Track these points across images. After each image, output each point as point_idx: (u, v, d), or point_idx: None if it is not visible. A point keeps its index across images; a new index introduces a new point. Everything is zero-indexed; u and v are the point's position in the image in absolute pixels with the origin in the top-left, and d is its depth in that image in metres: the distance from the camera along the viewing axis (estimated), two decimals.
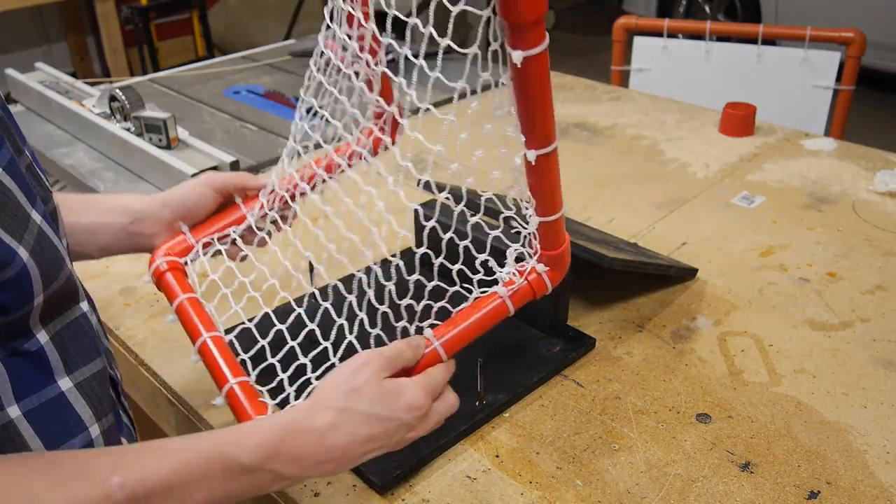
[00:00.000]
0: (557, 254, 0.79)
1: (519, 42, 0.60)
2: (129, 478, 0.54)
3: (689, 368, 0.95)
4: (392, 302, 0.79)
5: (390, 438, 0.67)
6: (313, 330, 0.84)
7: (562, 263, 0.81)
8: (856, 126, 2.38)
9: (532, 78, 0.63)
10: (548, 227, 0.76)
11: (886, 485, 0.78)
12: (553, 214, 0.75)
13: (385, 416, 0.66)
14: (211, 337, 0.76)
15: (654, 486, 0.79)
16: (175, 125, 1.45)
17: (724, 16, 4.77)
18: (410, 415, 0.67)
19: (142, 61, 3.85)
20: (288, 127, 1.73)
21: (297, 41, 2.40)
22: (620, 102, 1.86)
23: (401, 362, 0.70)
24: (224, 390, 0.72)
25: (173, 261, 0.84)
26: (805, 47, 1.95)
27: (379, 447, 0.67)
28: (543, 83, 0.64)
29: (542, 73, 0.63)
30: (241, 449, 0.60)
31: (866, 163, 1.49)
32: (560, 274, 0.82)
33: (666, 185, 1.44)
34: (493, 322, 0.77)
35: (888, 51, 3.99)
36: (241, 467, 0.60)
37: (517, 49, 0.60)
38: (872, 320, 1.04)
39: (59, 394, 0.61)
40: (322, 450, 0.63)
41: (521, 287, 0.78)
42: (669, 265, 1.09)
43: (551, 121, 0.67)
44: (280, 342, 0.84)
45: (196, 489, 0.58)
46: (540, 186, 0.73)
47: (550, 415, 0.89)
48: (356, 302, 0.81)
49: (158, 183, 1.45)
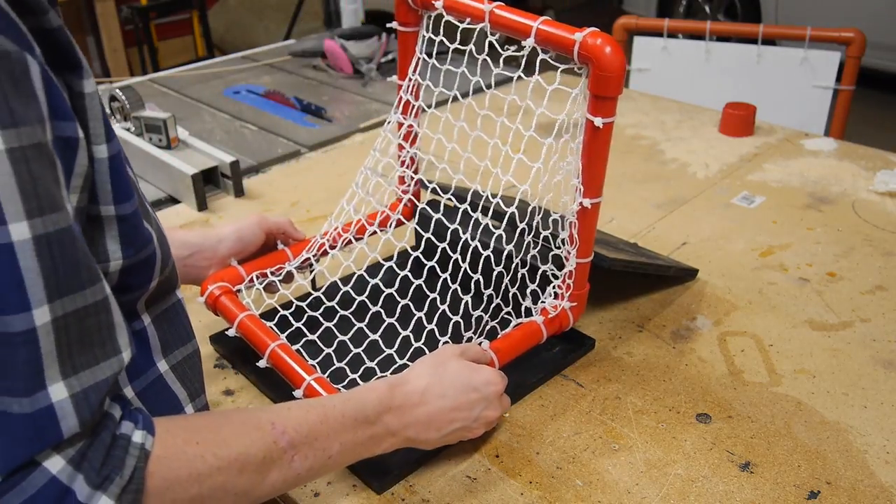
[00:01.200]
0: (582, 293, 0.93)
1: (601, 111, 0.78)
2: (288, 426, 0.63)
3: (689, 368, 0.95)
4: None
5: (472, 411, 0.77)
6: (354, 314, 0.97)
7: (582, 303, 0.94)
8: (856, 126, 2.38)
9: (603, 140, 0.80)
10: (581, 270, 0.90)
11: (886, 485, 0.78)
12: (587, 258, 0.89)
13: (468, 386, 0.77)
14: (278, 345, 0.85)
15: (654, 486, 0.79)
16: (175, 125, 1.45)
17: (724, 16, 4.77)
18: (489, 388, 0.78)
19: (142, 61, 3.85)
20: (288, 127, 1.73)
21: (297, 41, 2.40)
22: (620, 102, 1.85)
23: (471, 354, 0.81)
24: (303, 387, 0.81)
25: (225, 286, 0.94)
26: (805, 47, 1.95)
27: (462, 419, 0.76)
28: (608, 145, 0.81)
29: (610, 136, 0.80)
30: (363, 402, 0.71)
31: (866, 163, 1.49)
32: (580, 311, 0.94)
33: (666, 185, 1.44)
34: (531, 345, 0.90)
35: (888, 51, 3.98)
36: (366, 418, 0.70)
37: (598, 116, 0.78)
38: (872, 320, 1.04)
39: (159, 376, 0.65)
40: (422, 411, 0.74)
41: (553, 319, 0.92)
42: (669, 266, 1.09)
43: (604, 176, 0.83)
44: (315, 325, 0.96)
45: (334, 440, 0.67)
46: (584, 232, 0.86)
47: (550, 415, 0.89)
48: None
49: (158, 183, 1.45)
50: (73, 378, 0.50)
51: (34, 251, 0.47)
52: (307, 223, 1.33)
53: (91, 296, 0.51)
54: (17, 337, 0.47)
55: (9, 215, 0.46)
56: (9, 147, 0.46)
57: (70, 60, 0.54)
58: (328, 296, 0.99)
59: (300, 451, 0.64)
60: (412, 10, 0.93)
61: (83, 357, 0.51)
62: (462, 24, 0.86)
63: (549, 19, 0.79)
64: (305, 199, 1.41)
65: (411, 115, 1.01)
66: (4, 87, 0.46)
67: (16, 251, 0.47)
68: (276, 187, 1.46)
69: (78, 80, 0.55)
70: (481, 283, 0.94)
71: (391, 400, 0.73)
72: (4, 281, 0.47)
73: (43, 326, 0.48)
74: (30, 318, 0.48)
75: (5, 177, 0.46)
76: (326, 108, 1.82)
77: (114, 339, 0.53)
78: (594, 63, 0.75)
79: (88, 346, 0.51)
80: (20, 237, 0.47)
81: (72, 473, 0.49)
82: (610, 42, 0.74)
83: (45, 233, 0.48)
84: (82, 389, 0.50)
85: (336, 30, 2.29)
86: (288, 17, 4.00)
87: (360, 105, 1.87)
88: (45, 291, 0.48)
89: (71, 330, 0.50)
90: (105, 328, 0.53)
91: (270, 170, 1.54)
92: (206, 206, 1.38)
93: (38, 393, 0.48)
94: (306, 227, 1.31)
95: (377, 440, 0.72)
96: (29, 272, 0.47)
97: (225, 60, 2.25)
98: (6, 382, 0.48)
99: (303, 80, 2.04)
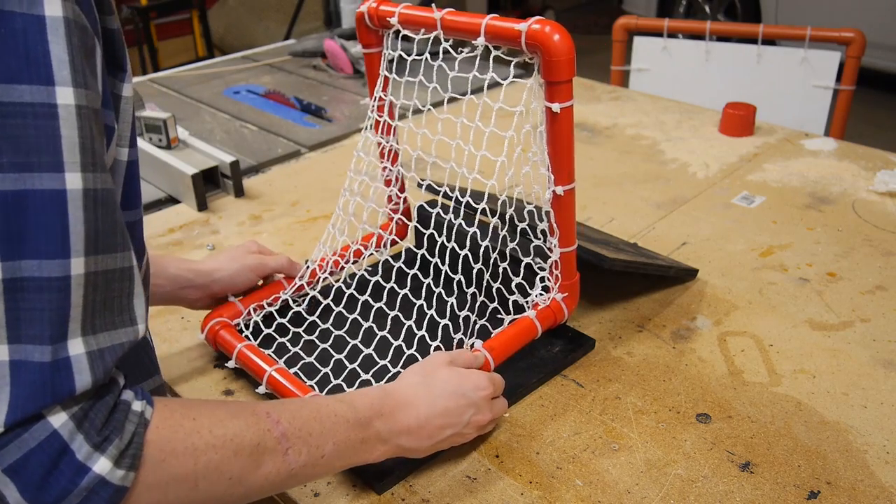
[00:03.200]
0: (572, 283, 0.93)
1: (556, 97, 0.78)
2: (282, 417, 0.64)
3: (689, 368, 0.95)
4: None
5: (462, 416, 0.77)
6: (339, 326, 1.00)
7: (575, 293, 0.94)
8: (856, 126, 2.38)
9: (564, 125, 0.80)
10: (567, 259, 0.90)
11: (886, 485, 0.78)
12: (571, 246, 0.89)
13: (456, 392, 0.77)
14: (275, 370, 0.88)
15: (654, 486, 0.79)
16: (175, 125, 1.45)
17: (724, 16, 4.77)
18: (478, 394, 0.78)
19: (142, 61, 3.85)
20: (288, 127, 1.73)
21: (297, 41, 2.40)
22: (620, 102, 1.86)
23: (461, 361, 0.81)
24: None
25: (224, 321, 0.97)
26: (805, 47, 1.95)
27: (453, 424, 0.77)
28: (570, 130, 0.81)
29: (570, 121, 0.80)
30: (355, 404, 0.71)
31: (866, 163, 1.49)
32: (574, 302, 0.94)
33: (666, 185, 1.44)
34: (526, 341, 0.91)
35: (888, 51, 3.98)
36: (357, 420, 0.70)
37: (555, 102, 0.78)
38: (872, 320, 1.04)
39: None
40: (412, 419, 0.74)
41: (547, 312, 0.92)
42: (670, 266, 1.09)
43: (573, 162, 0.83)
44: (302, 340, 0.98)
45: (327, 438, 0.67)
46: (562, 220, 0.86)
47: (550, 415, 0.89)
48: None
49: (159, 183, 1.45)
50: (91, 337, 0.51)
51: (82, 203, 0.50)
52: (307, 223, 1.33)
53: (121, 260, 0.54)
54: (53, 283, 0.49)
55: (67, 165, 0.49)
56: (78, 104, 0.50)
57: (118, 62, 0.59)
58: (322, 318, 1.00)
59: (293, 444, 0.64)
60: (372, 30, 0.96)
61: (104, 319, 0.53)
62: (418, 35, 0.89)
63: (496, 16, 0.81)
64: (305, 199, 1.41)
65: (386, 132, 1.03)
66: (81, 54, 0.51)
67: (67, 199, 0.49)
68: (276, 187, 1.46)
69: (119, 83, 0.59)
70: (463, 283, 0.95)
71: (382, 406, 0.73)
72: (51, 226, 0.49)
73: (76, 277, 0.50)
74: (66, 266, 0.49)
75: (71, 129, 0.50)
76: (326, 108, 1.82)
77: (132, 308, 0.55)
78: (543, 49, 0.76)
79: (110, 309, 0.53)
80: (73, 186, 0.50)
81: (73, 430, 0.50)
82: (556, 28, 0.76)
83: (94, 188, 0.51)
84: (99, 349, 0.52)
85: (336, 30, 2.29)
86: (288, 17, 4.01)
87: (360, 105, 1.87)
88: (84, 243, 0.50)
89: (98, 289, 0.52)
90: (126, 296, 0.55)
91: (270, 170, 1.54)
92: (206, 206, 1.38)
93: (60, 343, 0.50)
94: (306, 227, 1.31)
95: (368, 446, 0.71)
96: (75, 221, 0.50)
97: (225, 60, 2.26)
98: (33, 330, 0.49)
99: (303, 80, 2.04)
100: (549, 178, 0.84)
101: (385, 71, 0.98)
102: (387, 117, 1.01)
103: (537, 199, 0.89)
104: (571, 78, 0.78)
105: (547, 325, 0.92)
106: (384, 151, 1.05)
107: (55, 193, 0.49)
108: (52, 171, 0.49)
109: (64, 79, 0.49)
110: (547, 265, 0.92)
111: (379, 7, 0.92)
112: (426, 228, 1.00)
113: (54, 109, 0.49)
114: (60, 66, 0.49)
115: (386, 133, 1.03)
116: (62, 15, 0.50)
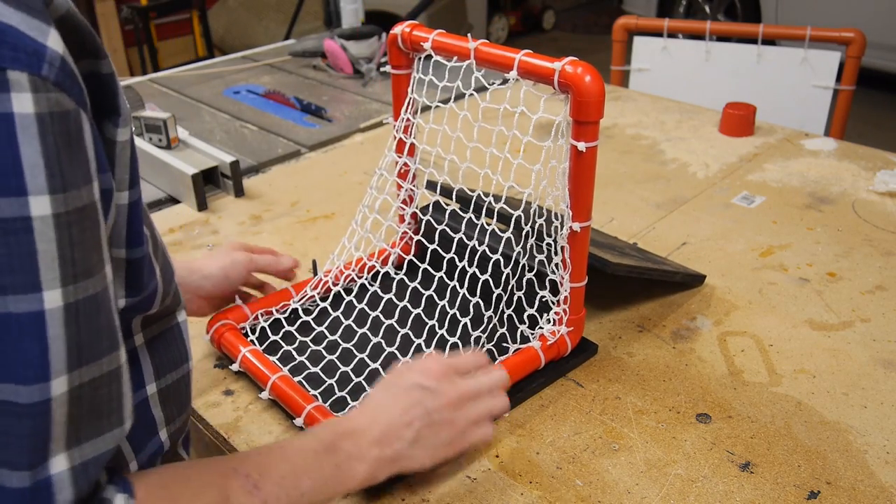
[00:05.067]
0: (579, 318, 0.94)
1: (583, 136, 0.79)
2: (251, 470, 0.62)
3: (689, 368, 0.95)
4: None
5: (422, 404, 0.74)
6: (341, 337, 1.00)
7: (580, 327, 0.95)
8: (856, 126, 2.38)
9: (587, 164, 0.82)
10: (576, 294, 0.91)
11: (886, 485, 0.78)
12: (581, 282, 0.90)
13: (407, 385, 0.75)
14: (278, 377, 0.88)
15: (654, 486, 0.79)
16: (175, 125, 1.45)
17: (724, 16, 4.77)
18: (423, 378, 0.76)
19: (142, 61, 3.85)
20: (288, 127, 1.73)
21: (297, 41, 2.40)
22: (620, 102, 1.86)
23: (462, 361, 0.80)
24: (303, 414, 0.83)
25: (229, 324, 0.97)
26: (805, 47, 1.95)
27: (418, 416, 0.73)
28: (593, 169, 0.83)
29: (594, 161, 0.82)
30: (316, 433, 0.70)
31: (866, 163, 1.49)
32: (578, 336, 0.95)
33: (666, 185, 1.44)
34: (528, 371, 0.91)
35: (888, 51, 3.99)
36: (323, 447, 0.68)
37: (581, 141, 0.79)
38: (872, 320, 1.04)
39: (143, 399, 0.65)
40: (373, 425, 0.72)
41: (552, 346, 0.92)
42: (676, 271, 1.08)
43: (592, 200, 0.85)
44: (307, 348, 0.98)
45: (301, 476, 0.65)
46: (576, 256, 0.88)
47: (550, 415, 0.89)
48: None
49: (159, 183, 1.45)
50: (75, 449, 0.49)
51: (63, 320, 0.47)
52: (307, 223, 1.33)
53: (108, 364, 0.51)
54: (28, 409, 0.46)
55: (45, 282, 0.46)
56: (55, 212, 0.46)
57: (112, 107, 0.54)
58: (330, 328, 1.00)
59: (269, 492, 0.62)
60: (403, 52, 0.96)
61: (90, 428, 0.50)
62: (450, 62, 0.89)
63: (530, 52, 0.82)
64: (305, 199, 1.41)
65: (407, 155, 1.03)
66: (59, 150, 0.46)
67: (46, 320, 0.46)
68: (276, 187, 1.46)
69: (113, 128, 0.55)
70: (481, 306, 0.96)
71: (339, 425, 0.71)
72: (29, 350, 0.46)
73: (58, 398, 0.47)
74: (46, 390, 0.46)
75: (48, 243, 0.45)
76: (326, 108, 1.82)
77: (121, 409, 0.52)
78: (574, 90, 0.77)
79: (97, 416, 0.50)
80: (52, 305, 0.46)
81: None
82: (589, 70, 0.77)
83: (75, 300, 0.47)
84: (82, 462, 0.49)
85: (336, 30, 2.29)
86: (288, 17, 4.00)
87: (360, 105, 1.87)
88: (66, 361, 0.47)
89: (84, 400, 0.49)
90: (115, 398, 0.52)
91: (270, 170, 1.54)
92: (206, 206, 1.38)
93: (40, 466, 0.47)
94: (306, 227, 1.31)
95: (346, 468, 0.69)
96: (55, 340, 0.46)
97: (225, 60, 2.26)
98: (9, 455, 0.46)
99: (303, 80, 2.04)
100: (566, 214, 0.85)
101: (414, 93, 0.98)
102: (413, 139, 1.02)
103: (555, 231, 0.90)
104: (599, 119, 0.79)
105: (550, 358, 0.93)
106: (404, 172, 1.05)
107: (33, 316, 0.45)
108: (28, 291, 0.45)
109: (38, 187, 0.45)
110: (556, 299, 0.92)
111: (413, 32, 0.93)
112: (447, 252, 1.00)
113: (28, 223, 0.44)
114: (34, 173, 0.44)
115: (409, 154, 1.04)
116: (33, 112, 0.44)
